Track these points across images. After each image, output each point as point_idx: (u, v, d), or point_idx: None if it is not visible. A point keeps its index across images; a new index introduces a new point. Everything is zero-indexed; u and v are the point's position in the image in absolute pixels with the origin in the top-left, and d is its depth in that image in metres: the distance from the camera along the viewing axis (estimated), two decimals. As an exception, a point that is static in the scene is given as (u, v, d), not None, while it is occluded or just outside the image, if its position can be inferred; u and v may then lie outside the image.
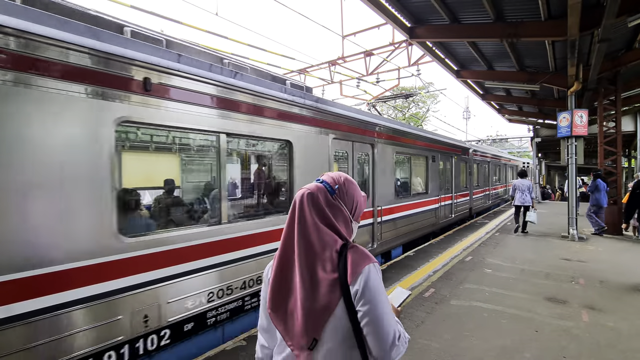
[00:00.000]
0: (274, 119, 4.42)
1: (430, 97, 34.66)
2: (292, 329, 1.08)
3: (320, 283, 1.05)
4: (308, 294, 1.05)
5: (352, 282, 1.04)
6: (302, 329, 1.05)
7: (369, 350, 1.07)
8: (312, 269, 1.07)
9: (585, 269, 6.25)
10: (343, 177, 1.21)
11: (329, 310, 1.04)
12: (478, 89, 13.38)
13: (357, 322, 1.04)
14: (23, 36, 2.36)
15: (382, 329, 1.04)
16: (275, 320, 1.12)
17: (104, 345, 2.73)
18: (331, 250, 1.08)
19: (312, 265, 1.07)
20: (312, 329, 1.04)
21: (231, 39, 8.63)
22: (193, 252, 3.42)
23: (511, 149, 40.24)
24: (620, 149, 10.34)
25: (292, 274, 1.10)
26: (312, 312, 1.04)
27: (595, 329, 3.89)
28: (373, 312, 1.03)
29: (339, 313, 1.04)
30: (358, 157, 6.30)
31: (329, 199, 1.14)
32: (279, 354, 1.14)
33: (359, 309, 1.04)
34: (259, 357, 1.27)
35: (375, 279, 1.07)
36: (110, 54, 2.81)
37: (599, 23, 5.82)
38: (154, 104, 3.14)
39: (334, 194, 1.16)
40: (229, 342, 3.65)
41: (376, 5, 6.67)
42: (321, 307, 1.04)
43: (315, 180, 1.20)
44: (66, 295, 2.52)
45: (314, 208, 1.11)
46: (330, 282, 1.05)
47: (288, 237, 1.12)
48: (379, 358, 1.06)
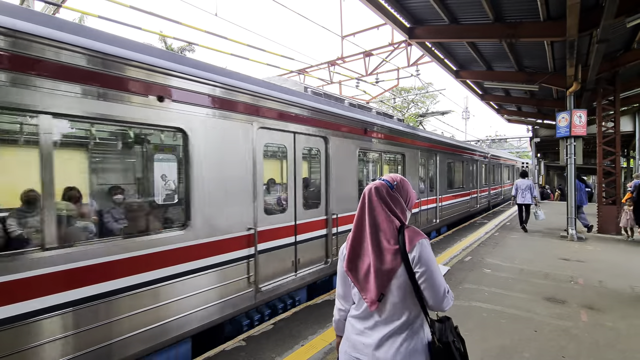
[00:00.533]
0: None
1: (429, 98, 34.69)
2: (366, 287, 1.48)
3: (385, 252, 1.45)
4: (377, 260, 1.45)
5: (410, 250, 1.43)
6: (374, 286, 1.44)
7: (425, 301, 1.46)
8: (379, 242, 1.48)
9: (584, 269, 6.27)
10: (399, 177, 1.62)
11: (393, 272, 1.44)
12: (477, 89, 13.40)
13: (415, 281, 1.43)
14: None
15: (436, 284, 1.43)
16: (353, 280, 1.54)
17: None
18: (393, 228, 1.48)
19: (379, 239, 1.48)
20: (380, 286, 1.44)
21: (230, 40, 8.63)
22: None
23: (510, 149, 40.28)
24: (619, 149, 10.36)
25: (364, 246, 1.51)
26: (381, 273, 1.44)
27: (594, 329, 3.90)
28: (428, 272, 1.41)
29: (400, 274, 1.43)
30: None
31: (390, 192, 1.55)
32: (357, 308, 1.57)
33: (416, 270, 1.42)
34: (337, 318, 1.73)
35: (427, 248, 1.45)
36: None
37: (597, 24, 5.84)
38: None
39: (393, 189, 1.56)
40: (229, 342, 3.65)
41: (375, 5, 6.68)
42: (387, 269, 1.44)
43: (378, 179, 1.62)
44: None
45: (379, 198, 1.53)
46: (393, 252, 1.44)
47: (360, 219, 1.54)
48: (434, 306, 1.46)
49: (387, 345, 1.44)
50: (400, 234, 1.47)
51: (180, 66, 3.41)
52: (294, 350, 3.49)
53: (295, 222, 4.85)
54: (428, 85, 25.78)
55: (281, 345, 3.59)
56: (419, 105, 36.31)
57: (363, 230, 1.52)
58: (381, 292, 1.45)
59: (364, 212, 1.53)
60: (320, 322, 4.15)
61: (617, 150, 10.31)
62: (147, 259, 3.10)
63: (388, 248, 1.45)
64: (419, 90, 25.41)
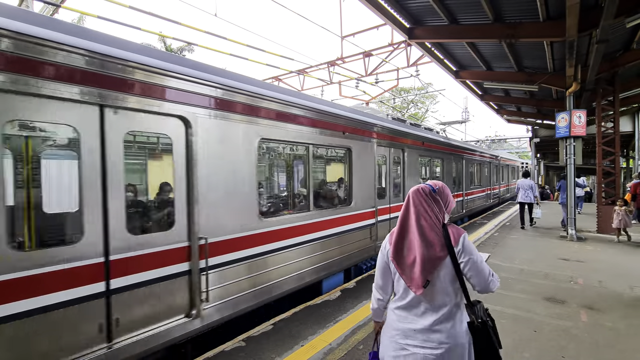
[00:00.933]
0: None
1: (429, 98, 34.71)
2: (412, 275, 1.67)
3: (434, 244, 1.67)
4: (425, 252, 1.66)
5: (455, 244, 1.67)
6: (420, 274, 1.64)
7: (473, 286, 1.70)
8: (426, 236, 1.69)
9: (583, 269, 6.26)
10: (441, 183, 1.85)
11: (439, 261, 1.66)
12: (477, 89, 13.40)
13: (459, 270, 1.67)
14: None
15: (481, 269, 1.67)
16: (398, 269, 1.74)
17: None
18: (437, 225, 1.71)
19: (425, 234, 1.69)
20: (426, 274, 1.64)
21: (230, 40, 8.63)
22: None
23: (510, 149, 40.30)
24: (618, 149, 10.36)
25: (409, 239, 1.73)
26: (428, 262, 1.65)
27: (594, 329, 3.90)
28: (472, 261, 1.66)
29: (446, 264, 1.66)
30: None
31: (432, 194, 1.77)
32: (402, 299, 1.76)
33: (461, 260, 1.67)
34: (375, 307, 1.95)
35: (469, 241, 1.71)
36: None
37: (597, 24, 5.84)
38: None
39: (435, 192, 1.78)
40: (229, 343, 3.65)
41: (375, 6, 6.68)
42: (434, 259, 1.65)
43: (423, 183, 1.84)
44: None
45: (423, 199, 1.75)
46: (440, 244, 1.67)
47: (404, 217, 1.78)
48: (482, 289, 1.69)
49: (437, 329, 1.65)
50: (444, 230, 1.71)
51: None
52: (293, 351, 3.48)
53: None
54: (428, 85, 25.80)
55: (281, 346, 3.59)
56: (418, 105, 36.34)
57: (408, 226, 1.76)
58: (427, 279, 1.64)
59: (409, 210, 1.77)
60: (320, 322, 4.14)
61: (616, 150, 10.31)
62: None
63: (434, 242, 1.68)
64: (418, 90, 25.43)
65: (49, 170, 3.18)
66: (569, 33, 5.96)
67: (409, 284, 1.69)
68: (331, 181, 6.52)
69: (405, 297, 1.74)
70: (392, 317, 1.80)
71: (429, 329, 1.65)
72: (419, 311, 1.70)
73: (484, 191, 15.61)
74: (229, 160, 3.82)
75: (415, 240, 1.69)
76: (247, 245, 3.98)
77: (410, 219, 1.75)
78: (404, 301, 1.74)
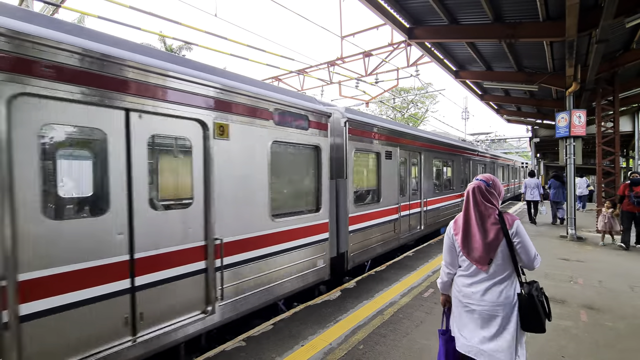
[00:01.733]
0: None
1: (429, 98, 34.70)
2: (477, 256, 2.15)
3: (491, 230, 2.12)
4: (484, 236, 2.13)
5: (509, 227, 2.11)
6: (483, 254, 2.12)
7: (521, 261, 2.13)
8: (486, 226, 2.14)
9: (583, 269, 6.27)
10: (492, 177, 2.29)
11: (498, 242, 2.10)
12: (477, 89, 13.41)
13: (512, 248, 2.10)
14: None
15: (529, 249, 2.11)
16: (465, 254, 2.21)
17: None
18: (493, 214, 2.15)
19: (485, 222, 2.15)
20: (489, 253, 2.11)
21: (230, 40, 8.64)
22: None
23: (510, 149, 40.30)
24: (618, 149, 10.38)
25: (472, 230, 2.18)
26: (489, 246, 2.11)
27: (594, 329, 3.90)
28: (523, 242, 2.10)
29: (502, 245, 2.10)
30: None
31: (487, 188, 2.20)
32: (466, 270, 2.23)
33: (514, 240, 2.10)
34: (445, 280, 2.38)
35: (521, 226, 2.15)
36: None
37: (596, 24, 5.84)
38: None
39: (489, 186, 2.21)
40: (229, 343, 3.65)
41: (375, 6, 6.68)
42: (494, 242, 2.11)
43: (475, 179, 2.27)
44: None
45: (480, 193, 2.19)
46: (497, 230, 2.11)
47: (467, 210, 2.22)
48: (527, 265, 2.14)
49: (490, 293, 2.12)
50: (499, 217, 2.14)
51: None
52: (294, 351, 3.49)
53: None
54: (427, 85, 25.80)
55: (281, 346, 3.59)
56: (418, 105, 36.33)
57: (470, 217, 2.20)
58: (490, 258, 2.12)
59: (470, 204, 2.21)
60: (320, 322, 4.14)
61: (616, 150, 10.33)
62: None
63: (493, 228, 2.12)
64: (418, 90, 25.43)
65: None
66: (568, 33, 5.97)
67: (475, 263, 2.17)
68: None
69: (468, 269, 2.23)
70: (457, 282, 2.30)
71: (484, 293, 2.13)
72: (478, 279, 2.18)
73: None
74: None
75: (478, 230, 2.16)
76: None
77: (471, 213, 2.20)
78: (466, 272, 2.24)
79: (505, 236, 2.10)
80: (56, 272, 2.49)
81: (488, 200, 2.18)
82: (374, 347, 3.54)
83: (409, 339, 3.71)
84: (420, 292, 5.14)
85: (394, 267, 6.52)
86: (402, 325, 4.04)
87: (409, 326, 4.00)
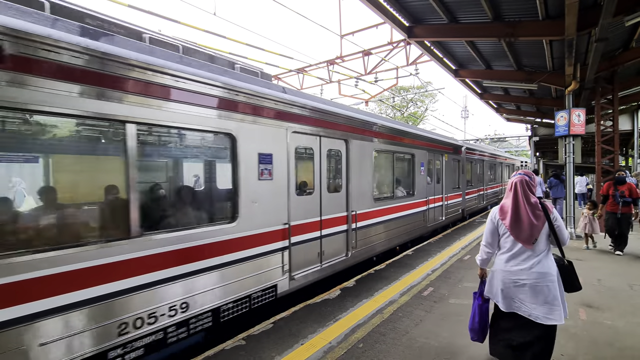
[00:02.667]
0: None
1: (428, 97, 34.68)
2: (523, 236, 2.68)
3: (538, 216, 2.68)
4: (532, 220, 2.67)
5: (551, 214, 2.69)
6: (529, 235, 2.67)
7: (557, 239, 2.70)
8: (531, 209, 2.69)
9: (582, 267, 6.26)
10: (530, 171, 2.86)
11: (542, 225, 2.67)
12: (476, 88, 13.41)
13: (553, 229, 2.68)
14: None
15: (564, 230, 2.72)
16: (514, 235, 2.72)
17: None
18: (536, 202, 2.71)
19: (533, 209, 2.69)
20: (534, 234, 2.66)
21: (229, 39, 8.63)
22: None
23: (509, 148, 40.31)
24: (617, 147, 10.39)
25: (521, 213, 2.70)
26: (535, 228, 2.66)
27: (593, 327, 3.91)
28: (560, 224, 2.71)
29: (545, 227, 2.67)
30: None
31: (529, 181, 2.77)
32: (510, 250, 2.76)
33: (555, 224, 2.68)
34: (485, 257, 2.95)
35: (557, 212, 2.77)
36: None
37: (596, 22, 5.84)
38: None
39: (530, 179, 2.78)
40: (229, 342, 3.66)
41: (375, 4, 6.67)
42: (539, 224, 2.66)
43: (518, 174, 2.83)
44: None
45: (526, 185, 2.75)
46: (542, 215, 2.68)
47: (514, 199, 2.74)
48: (563, 241, 2.71)
49: (537, 265, 2.66)
50: (542, 205, 2.72)
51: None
52: (293, 349, 3.49)
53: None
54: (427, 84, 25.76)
55: (281, 344, 3.60)
56: (418, 104, 36.30)
57: (519, 205, 2.73)
58: (535, 238, 2.67)
59: (518, 193, 2.75)
60: (320, 321, 4.15)
61: (615, 148, 10.34)
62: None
63: (539, 214, 2.69)
64: (418, 89, 25.42)
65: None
66: (568, 32, 5.96)
67: (522, 243, 2.70)
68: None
69: (513, 248, 2.75)
70: (501, 263, 2.83)
71: (530, 267, 2.67)
72: (523, 257, 2.71)
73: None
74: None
75: (526, 216, 2.70)
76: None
77: (520, 201, 2.73)
78: (512, 252, 2.76)
79: (548, 220, 2.68)
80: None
81: (531, 190, 2.75)
82: (374, 345, 3.55)
83: (409, 337, 3.72)
84: (419, 290, 5.15)
85: (394, 266, 6.53)
86: (401, 323, 4.05)
87: (408, 325, 4.01)
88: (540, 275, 2.63)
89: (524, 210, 2.69)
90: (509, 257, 2.74)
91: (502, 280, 2.77)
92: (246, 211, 4.01)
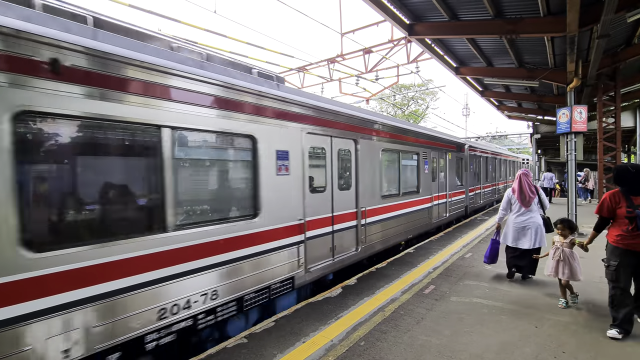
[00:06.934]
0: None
1: (429, 94, 34.60)
2: (524, 203, 5.40)
3: (532, 193, 5.42)
4: (529, 194, 5.39)
5: (538, 191, 5.57)
6: (528, 202, 5.39)
7: (542, 205, 5.56)
8: (530, 188, 5.44)
9: (584, 265, 6.24)
10: (527, 169, 5.76)
11: (534, 196, 5.43)
12: (477, 85, 13.37)
13: (540, 199, 5.54)
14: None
15: (545, 199, 5.68)
16: (521, 202, 5.40)
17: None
18: (533, 187, 5.49)
19: (531, 188, 5.44)
20: (530, 201, 5.41)
21: (230, 37, 8.63)
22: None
23: (511, 145, 40.20)
24: (619, 144, 10.38)
25: (524, 190, 5.39)
26: (530, 198, 5.39)
27: (595, 324, 3.91)
28: (543, 197, 5.65)
29: (536, 198, 5.46)
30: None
31: (528, 173, 5.54)
32: (518, 211, 5.46)
33: (541, 197, 5.58)
34: (500, 216, 5.72)
35: (541, 190, 5.88)
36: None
37: (598, 19, 5.81)
38: None
39: (527, 172, 5.56)
40: (231, 340, 3.67)
41: (375, 2, 6.66)
42: (533, 196, 5.42)
43: (520, 170, 5.60)
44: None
45: (526, 176, 5.49)
46: (534, 192, 5.47)
47: (520, 184, 5.41)
48: (545, 205, 5.59)
49: (533, 218, 5.36)
50: (534, 187, 5.49)
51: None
52: (295, 347, 3.51)
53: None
54: (428, 82, 25.72)
55: (283, 342, 3.61)
56: (419, 102, 36.23)
57: (524, 186, 5.36)
58: (531, 203, 5.36)
59: (522, 181, 5.39)
60: (321, 319, 4.16)
61: (617, 146, 10.31)
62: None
63: (533, 190, 5.42)
64: (418, 87, 25.36)
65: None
66: (569, 28, 5.94)
67: (524, 205, 5.36)
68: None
69: (519, 210, 5.41)
70: (512, 217, 5.46)
71: (528, 218, 5.35)
72: (525, 213, 5.38)
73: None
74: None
75: (527, 191, 5.33)
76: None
77: (523, 184, 5.36)
78: (519, 212, 5.42)
79: (537, 195, 5.42)
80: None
81: (529, 180, 5.44)
82: (375, 343, 3.56)
83: (410, 335, 3.73)
84: (421, 288, 5.16)
85: (395, 264, 6.53)
86: (403, 321, 4.06)
87: (410, 322, 4.01)
88: (534, 223, 5.29)
89: (525, 188, 5.33)
90: (517, 215, 5.39)
91: (513, 226, 5.39)
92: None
